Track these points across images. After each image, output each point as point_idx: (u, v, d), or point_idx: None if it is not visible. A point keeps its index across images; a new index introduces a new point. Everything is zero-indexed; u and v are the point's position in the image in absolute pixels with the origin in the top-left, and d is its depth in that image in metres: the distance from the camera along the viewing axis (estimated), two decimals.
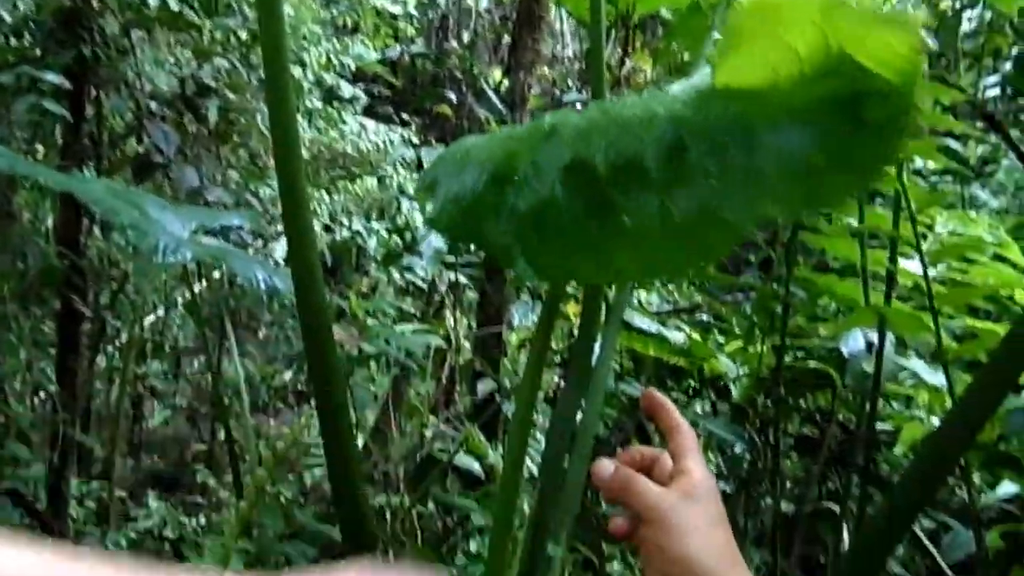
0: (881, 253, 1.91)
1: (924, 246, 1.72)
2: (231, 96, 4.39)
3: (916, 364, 1.96)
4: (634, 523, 0.89)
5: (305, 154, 6.43)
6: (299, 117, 5.93)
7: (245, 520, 1.60)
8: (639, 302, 4.51)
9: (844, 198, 0.83)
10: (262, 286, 2.17)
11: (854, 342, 1.98)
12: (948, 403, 2.02)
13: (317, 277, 1.29)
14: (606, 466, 0.90)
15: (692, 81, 1.17)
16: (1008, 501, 2.60)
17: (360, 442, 4.33)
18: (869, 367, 1.91)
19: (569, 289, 3.24)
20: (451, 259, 3.81)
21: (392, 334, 2.53)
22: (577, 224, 0.93)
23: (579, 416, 1.72)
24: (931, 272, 1.81)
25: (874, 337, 1.90)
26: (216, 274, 5.47)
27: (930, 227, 1.88)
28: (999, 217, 3.69)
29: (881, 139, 0.78)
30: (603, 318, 1.79)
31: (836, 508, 2.33)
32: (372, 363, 4.33)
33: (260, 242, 5.09)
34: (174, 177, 3.78)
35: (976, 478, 2.48)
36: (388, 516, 2.33)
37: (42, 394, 4.00)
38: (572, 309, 3.19)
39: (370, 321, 2.66)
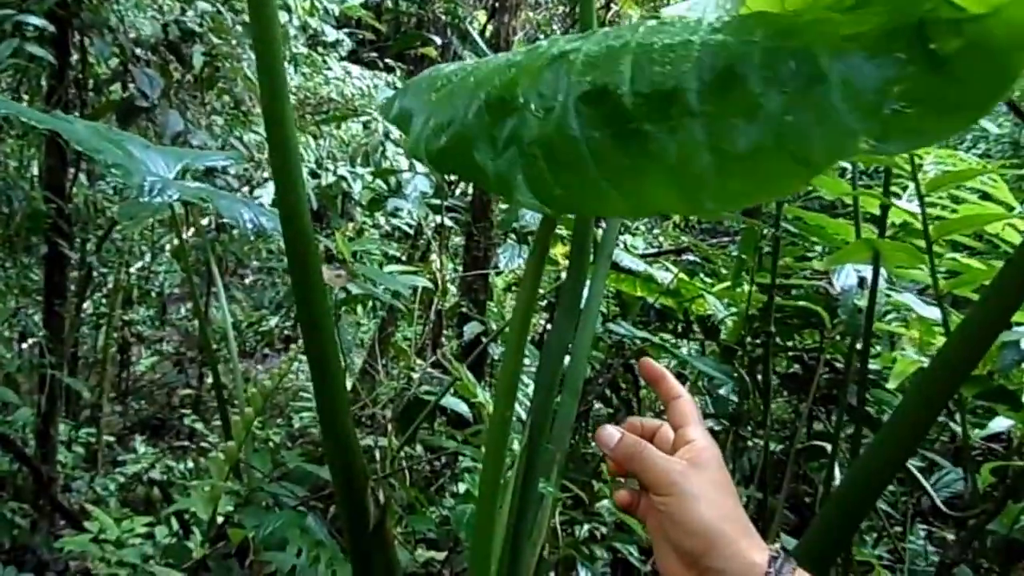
0: (872, 193, 1.89)
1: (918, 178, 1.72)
2: (215, 40, 4.33)
3: (910, 298, 1.95)
4: (636, 494, 0.90)
5: (291, 99, 6.36)
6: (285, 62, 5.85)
7: (234, 459, 1.60)
8: (624, 245, 4.51)
9: (938, 138, 0.77)
10: (248, 226, 2.16)
11: (846, 277, 1.96)
12: (939, 339, 2.02)
13: (305, 219, 1.28)
14: (612, 434, 0.89)
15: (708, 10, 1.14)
16: (992, 439, 2.62)
17: (348, 384, 4.34)
18: (860, 303, 1.91)
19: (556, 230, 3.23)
20: (437, 202, 3.78)
21: (380, 274, 2.51)
22: (599, 155, 0.90)
23: (567, 357, 1.73)
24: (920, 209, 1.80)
25: (865, 274, 1.89)
26: (204, 220, 5.44)
27: (919, 166, 1.87)
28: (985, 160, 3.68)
29: (970, 74, 0.71)
30: (591, 259, 1.79)
31: (824, 446, 2.35)
32: (359, 307, 4.33)
33: (247, 188, 5.05)
34: (159, 122, 3.74)
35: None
36: (376, 457, 2.34)
37: (29, 340, 3.99)
38: (560, 251, 3.19)
39: (356, 266, 2.64)
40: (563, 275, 3.16)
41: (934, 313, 1.83)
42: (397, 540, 1.86)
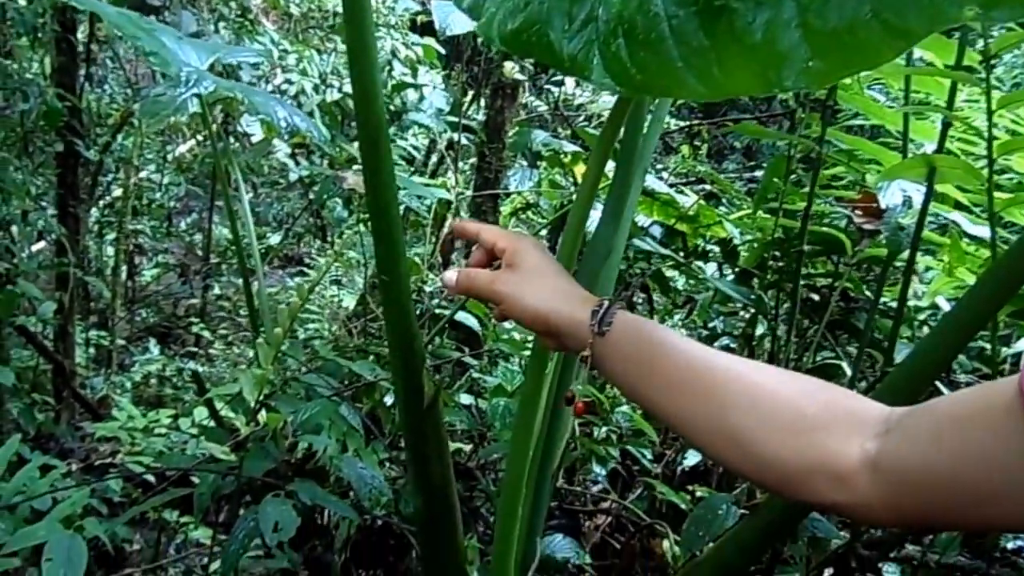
0: (935, 108, 1.87)
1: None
2: None
3: (957, 216, 1.96)
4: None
5: (295, 11, 6.27)
6: None
7: (280, 345, 1.62)
8: None
9: None
10: (283, 124, 2.16)
11: (892, 195, 1.95)
12: (966, 272, 2.02)
13: (378, 99, 1.27)
14: (449, 277, 1.07)
15: None
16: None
17: (355, 299, 4.37)
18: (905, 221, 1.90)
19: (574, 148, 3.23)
20: (453, 119, 3.77)
21: (407, 182, 2.52)
22: (681, 35, 0.88)
23: None
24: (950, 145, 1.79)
25: (911, 194, 1.88)
26: (201, 135, 5.37)
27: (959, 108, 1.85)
28: None
29: None
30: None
31: (839, 365, 2.38)
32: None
33: None
34: (171, 22, 3.69)
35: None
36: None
37: (41, 243, 3.98)
38: (580, 170, 3.20)
39: None
40: (573, 197, 3.18)
41: (984, 231, 1.82)
42: None
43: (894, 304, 2.33)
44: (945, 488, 0.71)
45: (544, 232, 3.80)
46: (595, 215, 1.77)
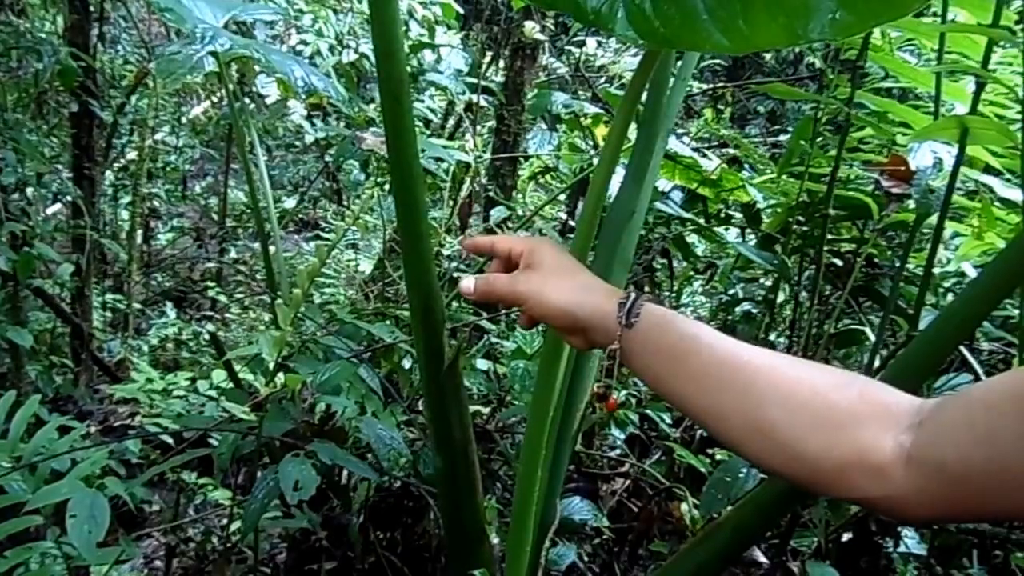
0: (970, 66, 1.83)
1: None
2: None
3: (989, 179, 1.92)
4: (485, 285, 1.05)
5: None
6: None
7: (299, 306, 1.61)
8: None
9: None
10: (300, 84, 2.13)
11: (922, 156, 1.91)
12: (995, 236, 1.98)
13: (400, 56, 1.25)
14: (467, 284, 1.06)
15: None
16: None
17: (371, 264, 4.36)
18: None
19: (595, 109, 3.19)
20: (472, 80, 3.71)
21: (426, 143, 2.49)
22: None
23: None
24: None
25: (942, 155, 1.84)
26: (216, 96, 5.34)
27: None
28: None
29: None
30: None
31: (861, 330, 2.35)
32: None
33: None
34: None
35: None
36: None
37: (56, 205, 3.96)
38: (600, 132, 3.16)
39: None
40: (595, 160, 3.14)
41: (1016, 194, 1.78)
42: None
43: (918, 271, 2.30)
44: (980, 477, 0.69)
45: (563, 196, 3.77)
46: (616, 178, 1.75)
